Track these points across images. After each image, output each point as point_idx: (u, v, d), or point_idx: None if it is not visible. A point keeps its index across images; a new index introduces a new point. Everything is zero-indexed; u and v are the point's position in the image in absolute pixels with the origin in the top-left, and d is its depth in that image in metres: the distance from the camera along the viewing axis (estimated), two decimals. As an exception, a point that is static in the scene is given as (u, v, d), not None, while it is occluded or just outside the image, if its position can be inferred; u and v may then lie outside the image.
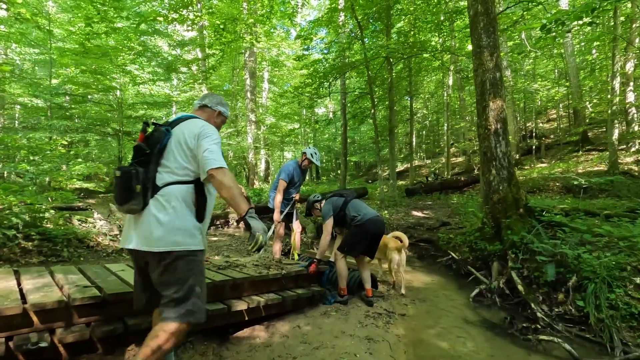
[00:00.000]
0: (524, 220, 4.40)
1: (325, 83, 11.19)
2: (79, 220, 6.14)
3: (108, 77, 14.24)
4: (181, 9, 8.34)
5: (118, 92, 15.76)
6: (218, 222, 9.06)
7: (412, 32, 11.76)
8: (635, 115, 12.05)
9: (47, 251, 4.68)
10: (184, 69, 17.74)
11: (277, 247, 4.53)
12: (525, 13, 8.91)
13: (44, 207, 5.43)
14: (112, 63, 13.64)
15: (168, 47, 19.67)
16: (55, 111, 14.07)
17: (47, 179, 9.72)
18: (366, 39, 12.14)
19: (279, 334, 2.88)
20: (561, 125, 17.95)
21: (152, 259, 1.75)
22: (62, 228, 5.34)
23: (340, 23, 13.99)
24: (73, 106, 15.09)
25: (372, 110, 10.99)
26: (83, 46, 8.97)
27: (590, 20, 3.81)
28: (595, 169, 11.15)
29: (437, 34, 12.57)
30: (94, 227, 6.11)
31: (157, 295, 1.82)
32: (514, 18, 9.51)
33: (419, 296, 4.08)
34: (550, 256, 3.63)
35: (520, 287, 3.70)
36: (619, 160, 10.53)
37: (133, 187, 1.72)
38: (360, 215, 3.63)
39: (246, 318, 2.92)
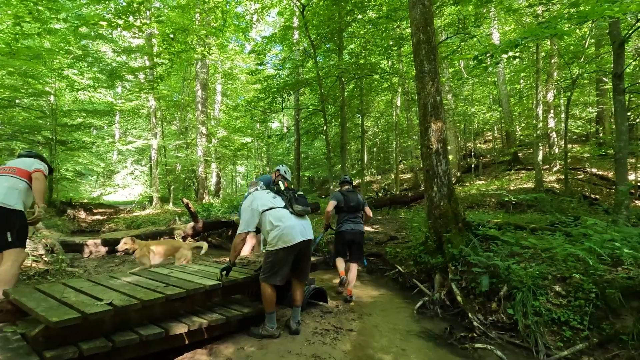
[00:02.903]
0: (463, 234, 4.70)
1: (279, 98, 11.25)
2: (-5, 239, 5.42)
3: (41, 81, 13.05)
4: (127, 15, 7.94)
5: (52, 98, 14.48)
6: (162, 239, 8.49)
7: (363, 54, 12.31)
8: (556, 139, 13.63)
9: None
10: (129, 77, 16.83)
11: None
12: (463, 43, 9.80)
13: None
14: (46, 66, 12.56)
15: (113, 52, 18.57)
16: (-27, 116, 12.56)
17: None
18: (319, 58, 12.48)
19: (222, 357, 2.75)
20: (496, 146, 19.69)
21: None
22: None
23: (295, 41, 14.28)
24: (-4, 111, 13.57)
25: (325, 127, 11.22)
26: (10, 47, 8.13)
27: (513, 54, 4.29)
28: (525, 186, 12.32)
29: (386, 58, 13.29)
30: (14, 246, 5.41)
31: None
32: (454, 47, 10.40)
33: (366, 310, 4.14)
34: (485, 268, 3.90)
35: (459, 298, 3.92)
36: (544, 179, 11.75)
37: None
38: (338, 225, 4.53)
39: (186, 342, 2.75)
